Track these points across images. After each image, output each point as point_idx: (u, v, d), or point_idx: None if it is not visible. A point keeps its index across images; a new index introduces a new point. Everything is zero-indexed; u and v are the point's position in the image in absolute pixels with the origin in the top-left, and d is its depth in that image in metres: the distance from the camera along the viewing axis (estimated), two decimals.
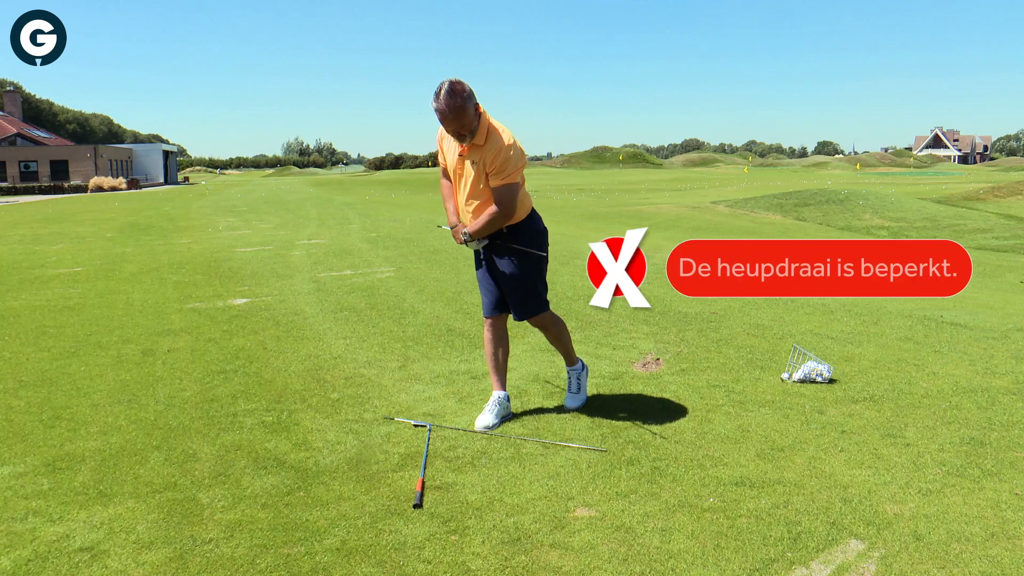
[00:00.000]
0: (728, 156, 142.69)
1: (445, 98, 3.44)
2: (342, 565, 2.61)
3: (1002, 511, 2.91)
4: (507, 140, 3.60)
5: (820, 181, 51.98)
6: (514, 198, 3.67)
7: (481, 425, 3.83)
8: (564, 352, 4.13)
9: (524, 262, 3.82)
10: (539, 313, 3.91)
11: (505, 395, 3.99)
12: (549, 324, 4.00)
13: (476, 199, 3.73)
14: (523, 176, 3.78)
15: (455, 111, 3.45)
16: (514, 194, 3.67)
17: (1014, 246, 19.13)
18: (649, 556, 2.63)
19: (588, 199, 35.59)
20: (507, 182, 3.62)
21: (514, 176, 3.64)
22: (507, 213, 3.68)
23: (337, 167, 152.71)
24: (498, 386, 4.01)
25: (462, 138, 3.59)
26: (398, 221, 16.75)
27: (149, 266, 10.08)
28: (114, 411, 4.19)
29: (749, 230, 21.65)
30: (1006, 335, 5.61)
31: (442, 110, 3.46)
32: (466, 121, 3.50)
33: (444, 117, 3.49)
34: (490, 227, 3.72)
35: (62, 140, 74.78)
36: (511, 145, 3.60)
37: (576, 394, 4.14)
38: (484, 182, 3.68)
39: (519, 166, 3.65)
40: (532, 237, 3.83)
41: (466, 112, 3.47)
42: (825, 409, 4.03)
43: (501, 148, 3.57)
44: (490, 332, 3.99)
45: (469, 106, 3.48)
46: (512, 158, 3.60)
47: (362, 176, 77.49)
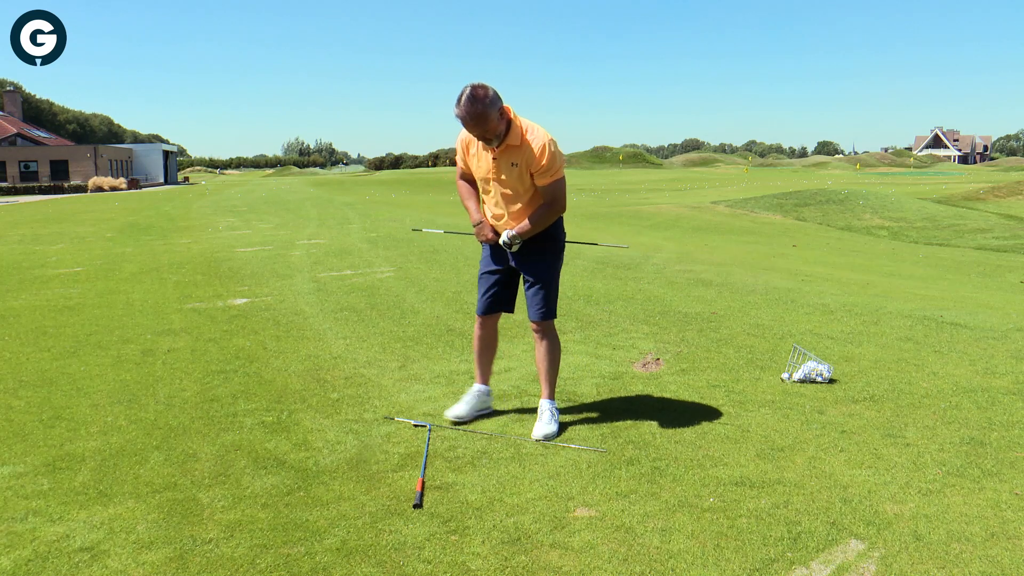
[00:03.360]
0: (728, 156, 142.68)
1: (466, 105, 3.38)
2: (342, 565, 2.61)
3: (1002, 511, 2.91)
4: (549, 136, 3.57)
5: (820, 181, 51.97)
6: (565, 193, 3.67)
7: (452, 415, 3.86)
8: (549, 379, 3.84)
9: (556, 262, 3.82)
10: (553, 318, 3.85)
11: (486, 389, 3.99)
12: (552, 335, 3.87)
13: (519, 201, 3.68)
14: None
15: (476, 117, 3.39)
16: (564, 189, 3.66)
17: (1014, 246, 19.13)
18: (649, 556, 2.63)
19: (588, 199, 35.58)
20: (557, 177, 3.61)
21: (562, 171, 3.64)
22: (562, 207, 3.67)
23: (337, 167, 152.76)
24: (480, 379, 4.02)
25: (489, 142, 3.54)
26: (398, 221, 16.74)
27: (149, 266, 10.08)
28: (114, 411, 4.19)
29: (749, 230, 21.65)
30: (1006, 335, 5.60)
31: (463, 116, 3.41)
32: (490, 126, 3.44)
33: (466, 123, 3.44)
34: (543, 224, 3.67)
35: (62, 140, 74.79)
36: (552, 140, 3.57)
37: (549, 423, 3.73)
38: (528, 182, 3.63)
39: (563, 161, 3.65)
40: (558, 239, 3.84)
41: (489, 118, 3.40)
42: (825, 409, 4.03)
43: (545, 145, 3.53)
44: (482, 330, 3.99)
45: (492, 111, 3.40)
46: (557, 153, 3.57)
47: (362, 176, 77.50)
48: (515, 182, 3.63)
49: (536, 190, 3.66)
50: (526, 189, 3.65)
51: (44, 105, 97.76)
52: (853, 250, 17.00)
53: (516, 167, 3.58)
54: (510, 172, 3.61)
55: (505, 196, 3.69)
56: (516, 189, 3.65)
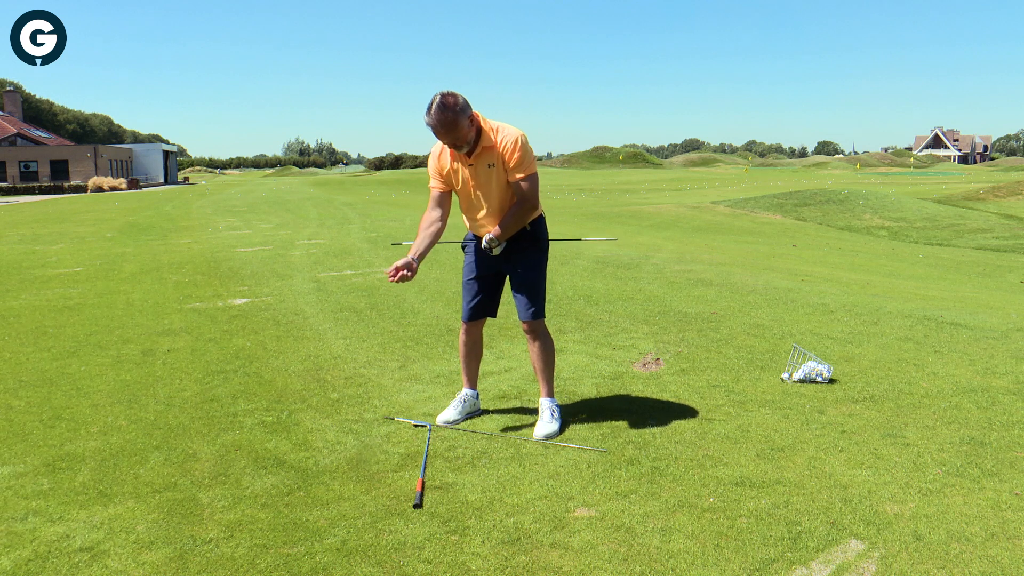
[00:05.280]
0: (728, 156, 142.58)
1: (437, 112, 3.41)
2: (342, 565, 2.61)
3: (1002, 511, 2.90)
4: (518, 133, 3.59)
5: (820, 181, 51.99)
6: (537, 188, 3.66)
7: (442, 419, 3.90)
8: (546, 378, 3.87)
9: (540, 262, 3.82)
10: (542, 317, 3.86)
11: (474, 393, 4.05)
12: (545, 335, 3.87)
13: (501, 203, 3.69)
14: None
15: (447, 125, 3.42)
16: (537, 184, 3.66)
17: (1014, 246, 19.14)
18: (649, 556, 2.63)
19: (588, 199, 35.58)
20: (529, 172, 3.62)
21: (534, 165, 3.65)
22: (535, 204, 3.67)
23: (337, 167, 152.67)
24: (467, 384, 4.06)
25: (460, 149, 3.56)
26: (398, 221, 16.74)
27: (149, 266, 10.08)
28: (114, 411, 4.19)
29: (749, 230, 21.65)
30: (1006, 335, 5.60)
31: (434, 125, 3.44)
32: (461, 133, 3.47)
33: (437, 131, 3.47)
34: (519, 223, 3.68)
35: (62, 140, 74.77)
36: (524, 136, 3.60)
37: (550, 422, 3.76)
38: (506, 182, 3.64)
39: (534, 158, 3.66)
40: (542, 240, 3.84)
41: (459, 125, 3.44)
42: (825, 409, 4.03)
43: (517, 139, 3.56)
44: (467, 336, 4.02)
45: (462, 119, 3.43)
46: (529, 149, 3.60)
47: (362, 176, 77.47)
48: (494, 184, 3.65)
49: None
50: (505, 190, 3.67)
51: (44, 105, 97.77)
52: (853, 250, 17.00)
53: (493, 167, 3.62)
54: (488, 175, 3.63)
55: (487, 201, 3.70)
56: (495, 191, 3.67)
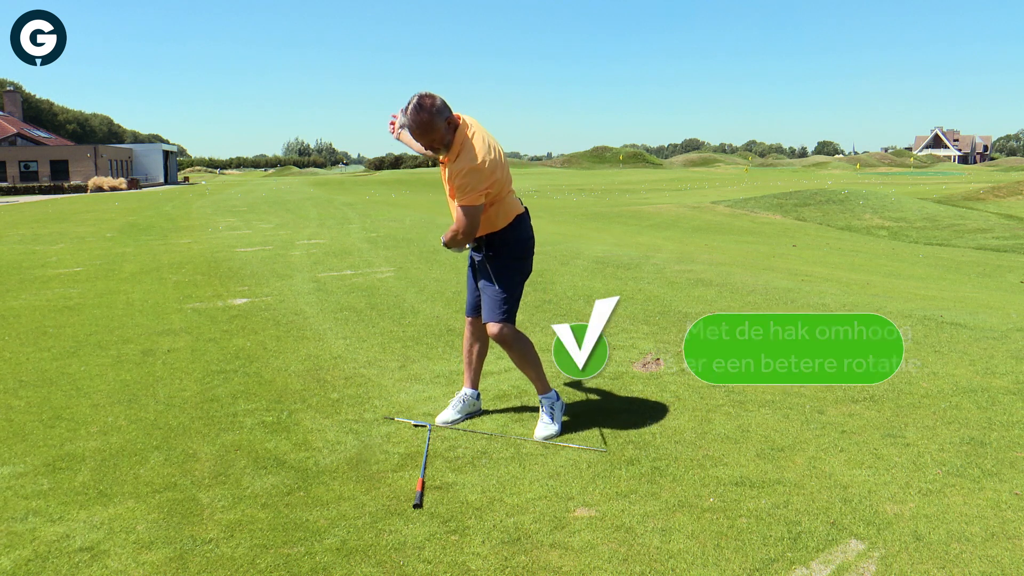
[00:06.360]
0: (728, 156, 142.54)
1: (412, 113, 3.42)
2: (342, 565, 2.61)
3: (1002, 511, 2.90)
4: (471, 163, 3.46)
5: (820, 181, 51.98)
6: (473, 219, 3.55)
7: (441, 420, 3.91)
8: (534, 377, 3.84)
9: (506, 267, 3.74)
10: (499, 321, 3.73)
11: (474, 393, 4.04)
12: (510, 340, 3.78)
13: (455, 210, 3.71)
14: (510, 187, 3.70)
15: (421, 126, 3.43)
16: (473, 215, 3.54)
17: (1014, 246, 19.13)
18: (649, 556, 2.63)
19: (588, 199, 35.58)
20: (465, 203, 3.51)
21: (472, 198, 3.50)
22: (466, 232, 3.57)
23: (337, 167, 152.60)
24: (468, 383, 4.06)
25: (437, 151, 3.58)
26: (398, 221, 16.74)
27: (149, 266, 10.08)
28: (114, 411, 4.19)
29: (749, 230, 21.65)
30: (1006, 335, 5.60)
31: (409, 125, 3.47)
32: (436, 135, 3.47)
33: (412, 131, 3.50)
34: (452, 242, 3.67)
35: (62, 140, 74.77)
36: (475, 169, 3.45)
37: (549, 423, 3.78)
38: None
39: (480, 189, 3.49)
40: (512, 245, 3.75)
41: (434, 127, 3.43)
42: (825, 409, 4.03)
43: (463, 170, 3.46)
44: (468, 331, 4.07)
45: (438, 120, 3.43)
46: (471, 182, 3.46)
47: (362, 176, 77.49)
48: (451, 193, 3.66)
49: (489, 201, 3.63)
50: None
51: (44, 105, 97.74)
52: (853, 250, 17.00)
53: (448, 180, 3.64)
54: (447, 182, 3.66)
55: (451, 203, 3.70)
56: (452, 199, 3.67)
